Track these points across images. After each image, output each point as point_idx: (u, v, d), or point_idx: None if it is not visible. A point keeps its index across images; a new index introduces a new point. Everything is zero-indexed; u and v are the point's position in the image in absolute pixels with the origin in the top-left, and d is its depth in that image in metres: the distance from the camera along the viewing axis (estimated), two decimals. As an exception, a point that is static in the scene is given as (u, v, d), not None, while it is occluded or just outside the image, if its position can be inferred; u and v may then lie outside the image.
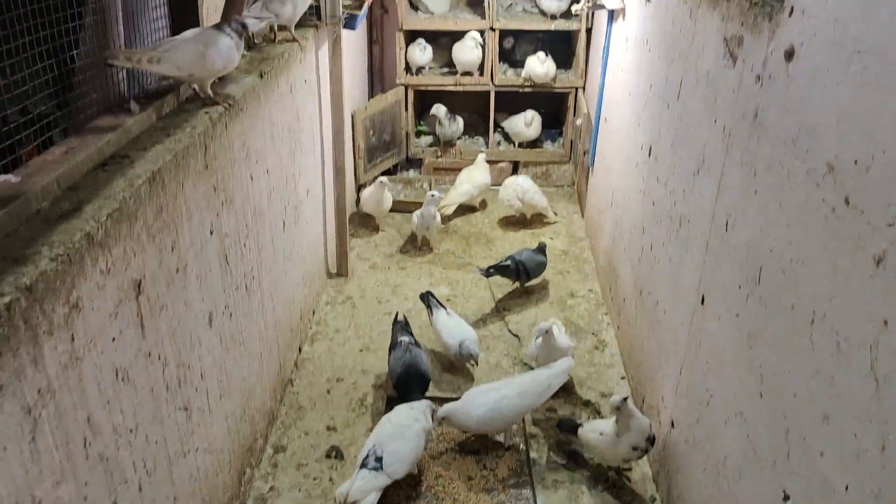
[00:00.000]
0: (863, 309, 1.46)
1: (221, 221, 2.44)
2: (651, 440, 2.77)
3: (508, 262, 4.10)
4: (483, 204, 5.37)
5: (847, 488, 1.49)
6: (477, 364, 3.53)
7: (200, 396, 2.31)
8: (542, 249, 4.25)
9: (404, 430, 2.78)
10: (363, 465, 2.66)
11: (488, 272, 4.08)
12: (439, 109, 5.48)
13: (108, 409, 1.71)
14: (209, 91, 2.40)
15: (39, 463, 1.43)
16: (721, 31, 2.40)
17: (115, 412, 1.75)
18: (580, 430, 2.96)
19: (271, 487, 2.89)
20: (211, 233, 2.35)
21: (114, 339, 1.73)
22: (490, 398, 2.99)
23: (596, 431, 2.89)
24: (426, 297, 3.73)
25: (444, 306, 3.68)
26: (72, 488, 1.56)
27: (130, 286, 1.80)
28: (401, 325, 3.49)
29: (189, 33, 2.33)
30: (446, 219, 5.02)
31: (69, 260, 1.51)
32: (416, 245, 4.76)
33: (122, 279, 1.75)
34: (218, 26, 2.38)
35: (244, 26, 2.43)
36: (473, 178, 5.12)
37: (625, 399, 2.72)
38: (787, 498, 1.77)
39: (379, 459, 2.66)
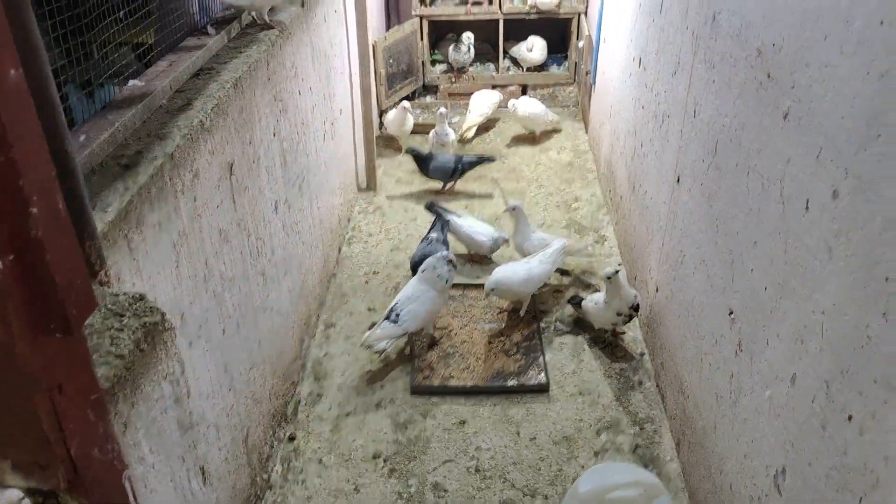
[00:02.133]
0: (776, 153, 1.98)
1: (280, 126, 2.97)
2: (635, 308, 3.33)
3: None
4: (494, 123, 5.85)
5: (765, 288, 2.04)
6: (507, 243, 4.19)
7: (272, 267, 2.89)
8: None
9: (421, 293, 3.37)
10: (386, 318, 3.28)
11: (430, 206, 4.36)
12: (469, 37, 5.90)
13: (217, 258, 2.28)
14: (266, 18, 2.90)
15: (181, 285, 2.01)
16: (691, -50, 2.85)
17: (221, 263, 2.32)
18: (583, 302, 3.54)
19: (325, 353, 3.51)
20: (273, 134, 2.89)
21: (217, 205, 2.29)
22: (522, 268, 3.62)
23: (592, 301, 3.46)
24: (433, 206, 4.23)
25: (451, 212, 4.21)
26: (198, 310, 2.14)
27: (226, 167, 2.35)
28: (437, 223, 4.03)
29: (247, -32, 2.81)
30: (467, 141, 5.53)
31: (191, 138, 2.05)
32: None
33: (221, 159, 2.31)
34: (270, -38, 2.86)
35: (291, -39, 2.91)
36: (486, 99, 5.61)
37: (616, 271, 3.28)
38: (731, 313, 2.33)
39: (398, 315, 3.26)
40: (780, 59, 1.97)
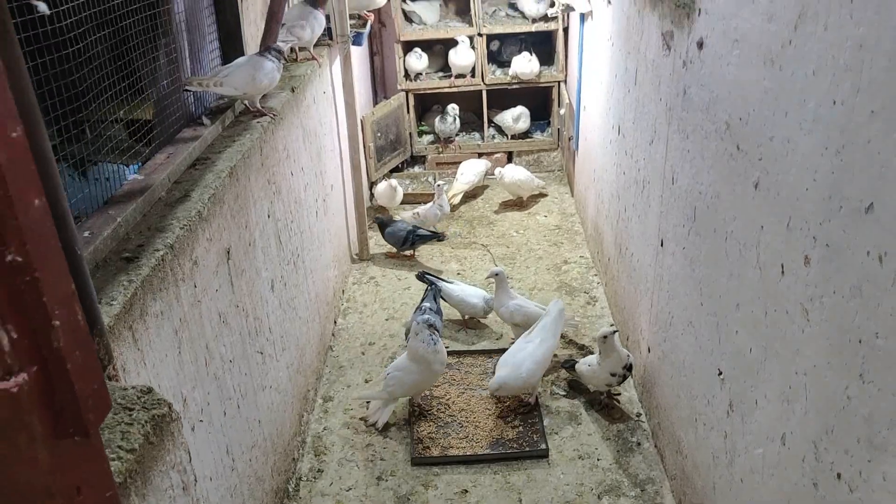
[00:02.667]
0: (750, 221, 2.08)
1: (275, 208, 3.07)
2: (628, 368, 3.38)
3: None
4: (482, 191, 6.00)
5: (751, 350, 2.10)
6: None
7: (269, 345, 2.94)
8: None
9: (408, 362, 3.40)
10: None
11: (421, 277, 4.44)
12: (454, 108, 6.11)
13: (217, 341, 2.34)
14: (258, 105, 3.03)
15: (183, 371, 2.06)
16: (659, 28, 3.02)
17: (221, 345, 2.38)
18: (577, 365, 3.59)
19: (324, 427, 3.52)
20: (268, 216, 2.98)
21: (216, 290, 2.36)
22: (524, 356, 3.46)
23: (586, 363, 3.51)
24: (424, 276, 4.30)
25: (443, 279, 4.30)
26: (200, 395, 2.18)
27: (224, 252, 2.43)
28: (430, 292, 4.10)
29: (240, 60, 2.96)
30: (455, 207, 5.66)
31: (190, 229, 2.14)
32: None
33: (219, 246, 2.39)
34: (261, 53, 3.01)
35: (281, 52, 3.06)
36: (473, 168, 5.77)
37: (612, 333, 3.34)
38: (720, 373, 2.38)
39: (387, 377, 3.41)
40: (748, 132, 2.09)
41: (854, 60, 1.49)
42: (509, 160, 6.31)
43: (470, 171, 5.76)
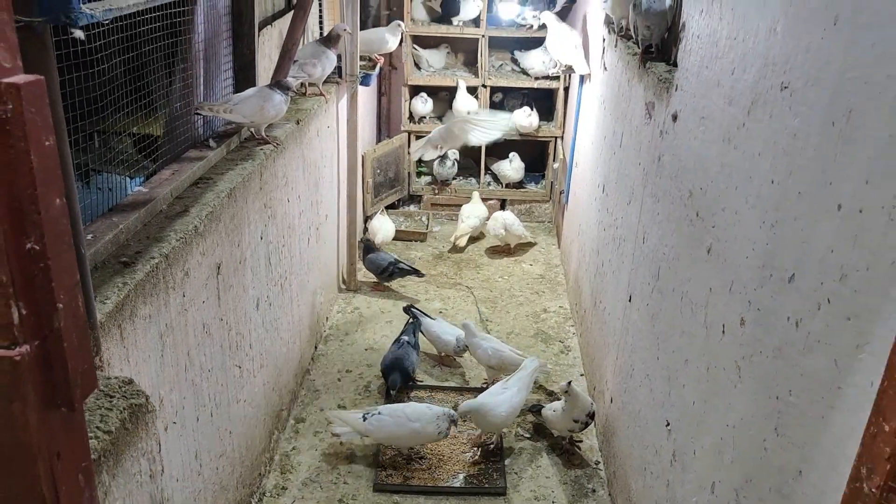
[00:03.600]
0: (702, 283, 2.25)
1: (268, 230, 3.24)
2: (591, 415, 3.52)
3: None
4: (482, 235, 6.17)
5: (693, 403, 2.25)
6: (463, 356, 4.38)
7: (248, 361, 3.07)
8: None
9: (406, 422, 3.41)
10: (365, 414, 3.43)
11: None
12: (454, 153, 6.34)
13: (198, 350, 2.48)
14: (263, 134, 3.23)
15: (163, 372, 2.20)
16: (643, 98, 3.24)
17: (202, 354, 2.52)
18: (543, 409, 3.72)
19: (293, 447, 3.63)
20: (261, 238, 3.14)
21: (203, 301, 2.51)
22: (502, 399, 3.55)
23: (552, 409, 3.64)
24: (410, 308, 4.48)
25: (427, 315, 4.45)
26: (176, 397, 2.32)
27: (214, 267, 2.59)
28: (410, 326, 4.25)
29: (250, 91, 3.16)
30: (462, 249, 5.90)
31: (185, 241, 2.30)
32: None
33: (211, 260, 2.55)
34: (271, 86, 3.22)
35: (290, 86, 3.27)
36: (476, 212, 5.96)
37: (569, 383, 3.47)
38: (668, 424, 2.52)
39: (375, 416, 3.40)
40: (706, 201, 2.27)
41: (789, 147, 1.68)
42: (502, 207, 6.51)
43: (474, 215, 5.95)
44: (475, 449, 3.65)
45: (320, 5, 4.58)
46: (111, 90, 2.24)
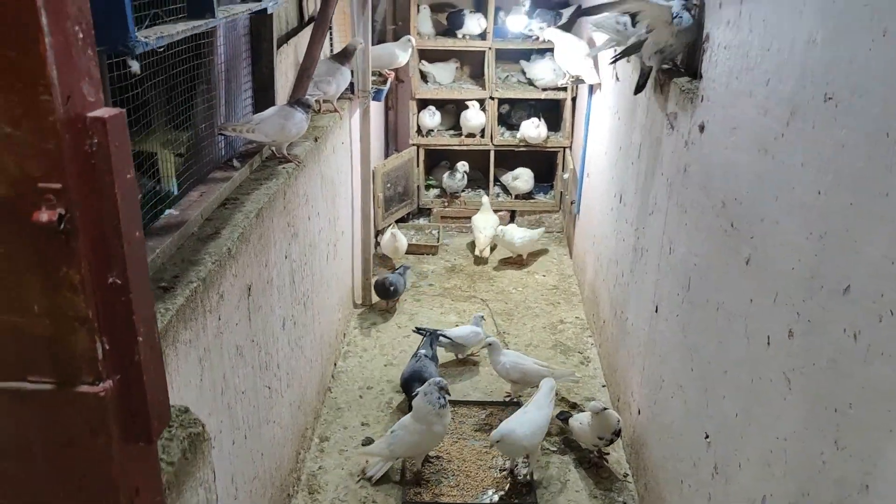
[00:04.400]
0: (740, 293, 2.24)
1: (291, 249, 3.23)
2: (617, 433, 3.47)
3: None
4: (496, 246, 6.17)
5: (736, 415, 2.24)
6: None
7: (277, 381, 3.06)
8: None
9: (413, 423, 3.45)
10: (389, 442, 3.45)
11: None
12: (464, 165, 6.35)
13: (233, 372, 2.47)
14: (285, 152, 3.23)
15: (202, 397, 2.18)
16: (664, 108, 3.25)
17: (236, 377, 2.50)
18: (570, 419, 3.69)
19: (320, 466, 3.60)
20: (285, 257, 3.14)
21: (236, 323, 2.49)
22: (525, 420, 3.51)
23: (578, 420, 3.62)
24: (418, 330, 4.45)
25: (437, 330, 4.41)
26: (215, 422, 2.30)
27: (245, 288, 2.58)
28: (427, 340, 4.24)
29: (271, 110, 3.16)
30: (484, 260, 5.94)
31: (220, 264, 2.29)
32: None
33: (242, 282, 2.54)
34: (292, 104, 3.22)
35: (310, 105, 3.27)
36: (491, 222, 5.97)
37: (603, 410, 3.44)
38: (707, 437, 2.51)
39: (394, 434, 3.45)
40: (741, 212, 2.27)
41: (836, 157, 1.68)
42: (512, 219, 6.51)
43: (489, 226, 5.96)
44: (505, 473, 3.60)
45: (331, 24, 4.59)
46: (145, 114, 2.24)
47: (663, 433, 3.05)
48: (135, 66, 1.34)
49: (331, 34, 4.65)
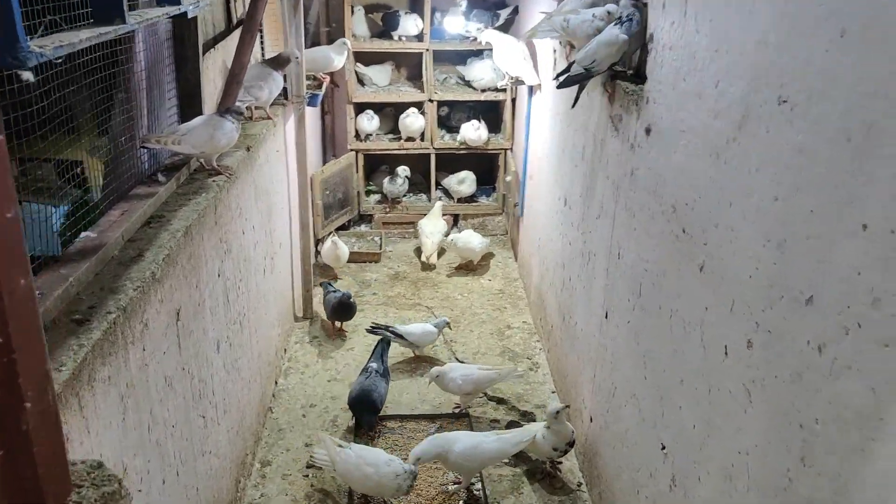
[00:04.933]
0: (695, 301, 2.18)
1: (225, 267, 3.04)
2: (571, 444, 3.40)
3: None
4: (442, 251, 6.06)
5: (694, 426, 2.18)
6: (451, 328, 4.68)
7: (212, 409, 2.86)
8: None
9: (362, 465, 3.15)
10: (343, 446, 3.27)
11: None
12: (405, 170, 6.20)
13: (162, 406, 2.27)
14: (214, 164, 3.03)
15: (126, 438, 1.99)
16: (607, 110, 3.18)
17: (165, 410, 2.31)
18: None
19: (261, 494, 3.41)
20: (218, 275, 2.94)
21: (164, 352, 2.30)
22: (471, 440, 3.34)
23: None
24: (375, 329, 4.38)
25: (389, 327, 4.39)
26: (140, 462, 2.10)
27: (173, 313, 2.38)
28: (378, 351, 4.09)
29: (199, 119, 2.96)
30: (432, 267, 5.81)
31: (143, 290, 2.10)
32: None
33: (170, 307, 2.34)
34: (221, 113, 3.02)
35: (241, 113, 3.08)
36: (438, 227, 5.85)
37: (563, 408, 3.36)
38: (663, 447, 2.45)
39: (346, 450, 3.24)
40: (693, 217, 2.21)
41: (794, 163, 1.62)
42: (455, 223, 6.41)
43: (436, 231, 5.84)
44: (457, 489, 3.47)
45: (261, 26, 4.39)
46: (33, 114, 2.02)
47: (617, 442, 2.99)
48: (26, 75, 1.16)
49: (262, 38, 4.45)
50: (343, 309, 4.69)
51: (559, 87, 3.16)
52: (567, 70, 3.08)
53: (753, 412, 1.79)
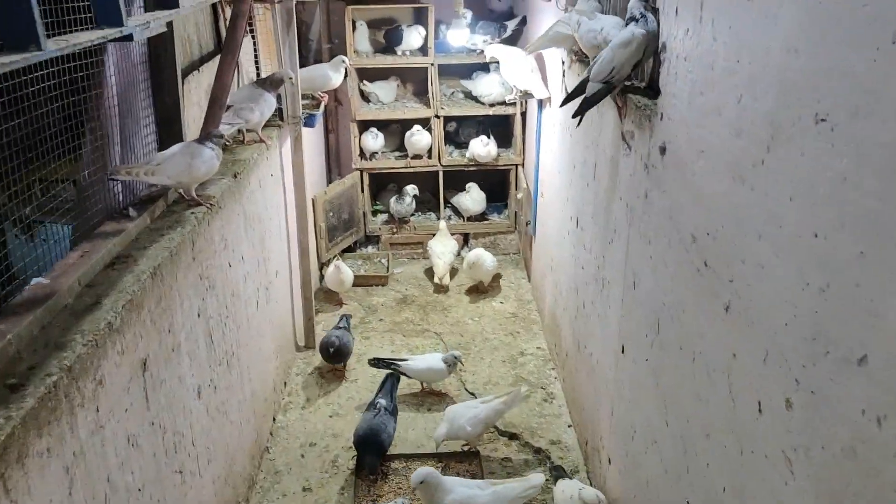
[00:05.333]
0: (720, 344, 1.91)
1: (206, 305, 2.81)
2: None
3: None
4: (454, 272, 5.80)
5: (724, 490, 1.90)
6: (463, 365, 4.34)
7: (192, 461, 2.63)
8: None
9: None
10: None
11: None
12: (413, 188, 5.97)
13: (122, 470, 2.04)
14: (193, 194, 2.81)
15: (75, 514, 1.76)
16: (619, 127, 2.92)
17: (127, 473, 2.07)
18: (560, 482, 3.19)
19: (255, 546, 3.17)
20: (198, 315, 2.72)
21: (126, 410, 2.07)
22: (464, 491, 3.05)
23: (561, 488, 3.11)
24: (378, 363, 4.14)
25: (397, 360, 4.14)
26: (97, 537, 1.87)
27: (139, 364, 2.16)
28: (388, 384, 3.84)
29: (176, 147, 2.75)
30: (445, 289, 5.58)
31: (96, 344, 1.87)
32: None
33: (133, 358, 2.11)
34: (200, 140, 2.81)
35: (222, 137, 2.87)
36: (449, 247, 5.61)
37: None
38: (689, 506, 2.17)
39: None
40: (716, 249, 1.94)
41: (836, 193, 1.35)
42: (465, 242, 6.16)
43: (447, 251, 5.61)
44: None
45: (255, 45, 4.20)
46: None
47: (639, 492, 2.71)
48: None
49: (256, 58, 4.26)
50: (330, 354, 4.28)
51: (574, 115, 2.82)
52: (580, 90, 2.77)
53: (796, 486, 1.52)
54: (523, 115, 5.84)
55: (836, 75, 1.36)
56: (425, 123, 5.91)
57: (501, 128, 6.23)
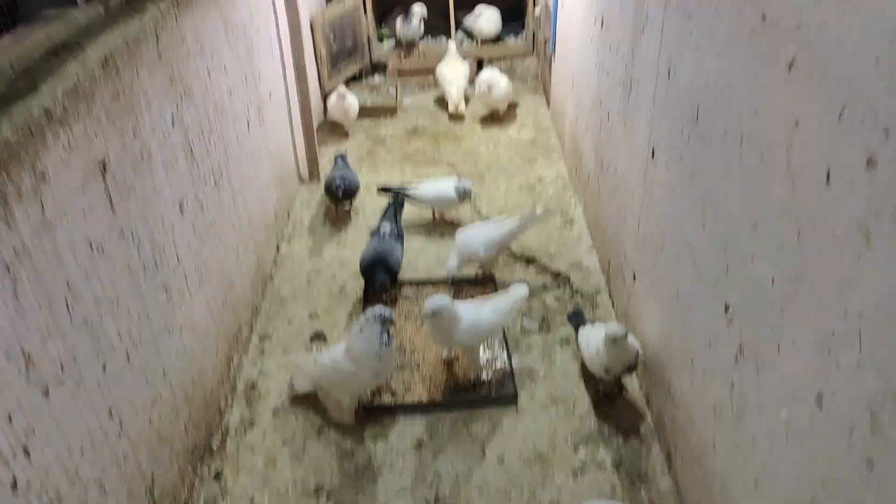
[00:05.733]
0: (778, 115, 1.57)
1: (182, 113, 2.49)
2: (631, 368, 2.67)
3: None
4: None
5: (773, 281, 1.63)
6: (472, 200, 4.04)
7: (178, 279, 2.42)
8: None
9: (345, 362, 2.63)
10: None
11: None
12: (421, 8, 5.44)
13: (87, 277, 1.81)
14: (153, -20, 2.41)
15: (25, 318, 1.54)
16: None
17: (94, 281, 1.85)
18: (581, 330, 2.92)
19: (260, 371, 3.05)
20: (173, 123, 2.40)
21: (84, 212, 1.81)
22: (469, 316, 2.81)
23: (586, 341, 2.81)
24: (387, 189, 3.90)
25: (404, 189, 3.87)
26: (60, 346, 1.67)
27: (96, 165, 1.87)
28: (391, 211, 3.59)
29: (126, -79, 2.32)
30: (461, 116, 5.22)
31: (30, 132, 1.57)
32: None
33: (87, 157, 1.83)
34: (154, -87, 2.37)
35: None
36: (461, 70, 5.19)
37: (624, 336, 2.58)
38: (727, 309, 1.92)
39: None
40: (780, -8, 1.55)
41: None
42: (480, 67, 5.68)
43: (460, 75, 5.18)
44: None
45: None
46: None
47: (666, 303, 2.48)
48: None
49: None
50: (338, 198, 3.98)
51: None
52: None
53: (874, 258, 1.23)
54: (542, -84, 5.16)
55: None
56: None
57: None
